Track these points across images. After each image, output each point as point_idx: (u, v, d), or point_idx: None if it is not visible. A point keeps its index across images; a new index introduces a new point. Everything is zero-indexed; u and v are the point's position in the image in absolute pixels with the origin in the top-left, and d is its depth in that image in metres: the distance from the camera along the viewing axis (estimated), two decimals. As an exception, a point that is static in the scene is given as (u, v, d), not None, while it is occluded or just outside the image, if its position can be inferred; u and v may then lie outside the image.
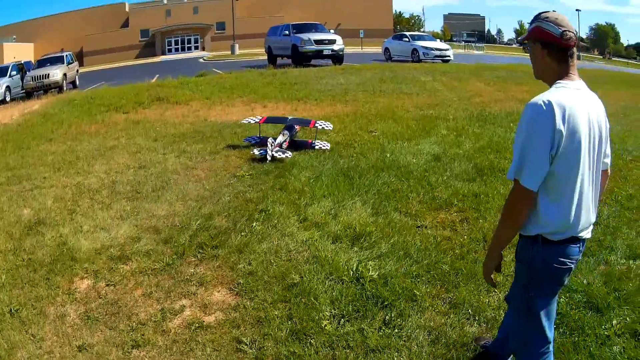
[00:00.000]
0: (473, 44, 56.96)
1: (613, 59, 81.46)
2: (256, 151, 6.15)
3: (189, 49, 59.00)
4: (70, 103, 11.71)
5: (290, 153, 6.12)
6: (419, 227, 4.02)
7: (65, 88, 18.61)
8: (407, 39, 24.68)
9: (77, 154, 6.89)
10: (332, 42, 20.50)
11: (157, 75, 20.22)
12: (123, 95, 11.92)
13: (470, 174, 5.33)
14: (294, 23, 23.00)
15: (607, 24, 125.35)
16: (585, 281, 3.17)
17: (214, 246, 3.77)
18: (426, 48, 22.84)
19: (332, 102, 10.52)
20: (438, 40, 29.12)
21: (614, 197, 4.73)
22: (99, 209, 4.68)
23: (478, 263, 3.43)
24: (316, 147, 6.45)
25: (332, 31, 23.25)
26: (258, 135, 6.95)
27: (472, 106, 10.15)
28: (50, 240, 4.03)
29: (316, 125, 6.78)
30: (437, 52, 22.72)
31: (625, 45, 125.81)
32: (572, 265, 1.92)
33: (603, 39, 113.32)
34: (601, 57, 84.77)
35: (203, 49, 57.32)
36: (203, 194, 4.94)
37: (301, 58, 19.89)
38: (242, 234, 3.93)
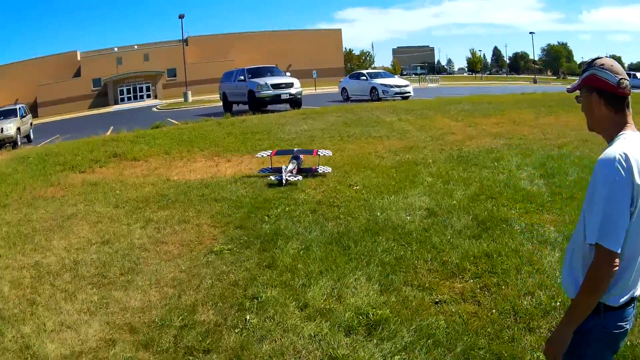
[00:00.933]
0: (427, 77, 59.52)
1: (568, 77, 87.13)
2: (272, 177, 7.82)
3: (141, 97, 61.11)
4: (25, 161, 11.52)
5: (300, 177, 7.84)
6: (437, 303, 3.83)
7: (19, 143, 18.93)
8: (365, 78, 25.62)
9: (33, 224, 6.52)
10: (290, 85, 21.00)
11: (112, 127, 20.44)
12: (78, 152, 11.78)
13: (474, 229, 5.25)
14: (249, 67, 23.47)
15: (559, 43, 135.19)
16: (628, 342, 3.07)
17: (205, 350, 3.41)
18: (385, 86, 23.73)
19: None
20: (396, 76, 30.32)
21: None
22: (62, 299, 4.29)
23: (516, 342, 3.27)
24: (320, 171, 8.15)
25: (288, 74, 23.75)
26: (271, 167, 8.52)
27: (448, 146, 10.33)
28: (11, 343, 3.62)
29: (318, 153, 8.73)
30: (397, 89, 23.61)
31: (578, 62, 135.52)
32: (628, 327, 1.91)
33: (556, 59, 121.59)
34: (555, 77, 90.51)
35: (155, 97, 59.58)
36: (180, 277, 4.58)
37: (258, 104, 20.19)
38: (236, 330, 3.60)
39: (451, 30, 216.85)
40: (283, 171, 7.74)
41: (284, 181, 7.51)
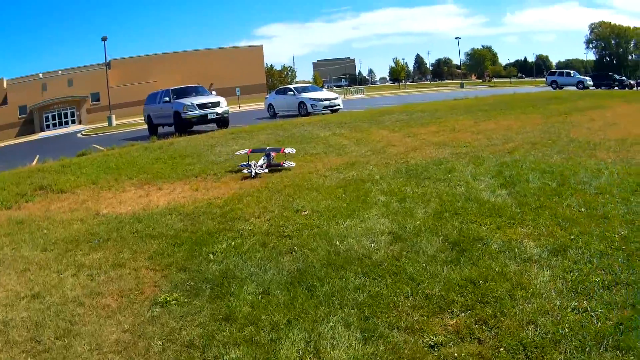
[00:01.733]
0: (351, 88, 61.28)
1: (494, 80, 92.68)
2: (245, 171, 9.87)
3: (66, 123, 64.92)
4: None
5: (267, 170, 9.86)
6: (433, 346, 3.46)
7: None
8: (292, 93, 26.17)
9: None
10: (216, 104, 21.48)
11: (37, 157, 20.57)
12: (4, 185, 11.23)
13: (448, 253, 4.99)
14: (174, 88, 23.73)
15: (483, 47, 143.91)
16: None
17: None
18: (314, 100, 24.47)
19: (235, 175, 10.08)
20: (324, 89, 30.96)
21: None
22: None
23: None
24: (285, 165, 10.13)
25: (213, 93, 23.89)
26: (247, 162, 10.22)
27: (391, 159, 10.21)
28: None
29: (285, 151, 10.97)
30: (326, 103, 24.26)
31: (504, 65, 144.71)
32: None
33: (480, 62, 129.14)
34: (481, 80, 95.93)
35: (80, 122, 62.91)
36: (124, 339, 3.92)
37: (185, 125, 20.57)
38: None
39: (371, 41, 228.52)
40: (252, 166, 9.70)
41: (253, 174, 9.50)
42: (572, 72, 55.20)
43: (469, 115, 17.96)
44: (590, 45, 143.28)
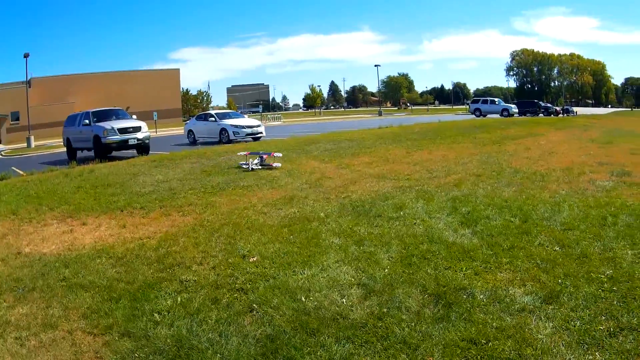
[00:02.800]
0: (269, 114, 62.06)
1: (410, 107, 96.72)
2: (244, 166, 13.41)
3: None
4: None
5: (260, 167, 13.20)
6: None
7: None
8: (213, 119, 26.82)
9: None
10: (137, 129, 21.62)
11: None
12: None
13: (434, 308, 4.73)
14: (94, 110, 23.65)
15: (399, 74, 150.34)
16: None
17: None
18: (236, 127, 25.00)
19: (163, 209, 9.50)
20: (246, 116, 31.23)
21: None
22: None
23: None
24: (274, 165, 13.33)
25: (134, 117, 23.89)
26: (245, 162, 13.57)
27: (331, 194, 10.01)
28: None
29: (274, 155, 14.09)
30: (249, 130, 25.12)
31: (420, 92, 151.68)
32: None
33: (395, 89, 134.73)
34: (396, 108, 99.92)
35: (0, 142, 62.19)
36: None
37: (105, 150, 20.67)
38: None
39: (286, 67, 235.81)
40: (250, 163, 13.29)
41: (250, 168, 13.03)
42: (496, 99, 58.40)
43: (398, 145, 18.28)
44: (511, 73, 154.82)
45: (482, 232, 6.96)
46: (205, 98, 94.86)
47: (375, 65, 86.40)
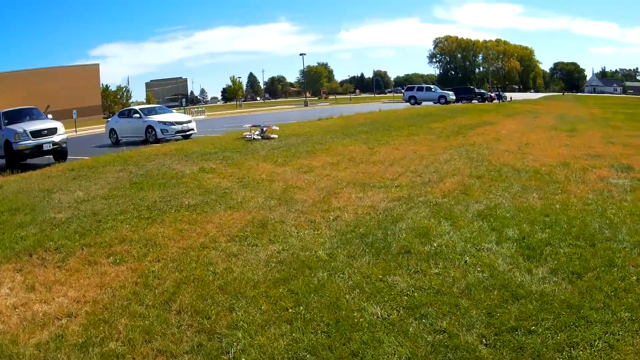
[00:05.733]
0: (192, 108, 59.22)
1: (330, 97, 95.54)
2: (247, 136, 16.71)
3: None
4: None
5: (260, 137, 16.51)
6: None
7: None
8: (138, 115, 23.52)
9: None
10: (53, 131, 18.21)
11: None
12: None
13: None
14: (5, 110, 19.87)
15: (319, 64, 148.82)
16: None
17: None
18: (165, 124, 22.12)
19: (87, 252, 6.47)
20: (174, 110, 28.23)
21: None
22: None
23: None
24: (272, 136, 16.72)
25: (49, 116, 20.08)
26: (249, 133, 17.14)
27: (314, 214, 7.67)
28: None
29: (273, 127, 18.12)
30: (179, 127, 22.20)
31: (340, 81, 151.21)
32: None
33: (315, 79, 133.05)
34: (317, 98, 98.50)
35: None
36: None
37: (17, 158, 17.42)
38: None
39: (204, 60, 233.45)
40: (253, 134, 16.73)
41: (252, 138, 16.19)
42: (432, 86, 56.80)
43: (353, 140, 16.04)
44: (434, 60, 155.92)
45: (561, 271, 5.11)
46: (124, 94, 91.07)
47: (301, 54, 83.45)
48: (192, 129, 22.44)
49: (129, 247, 6.50)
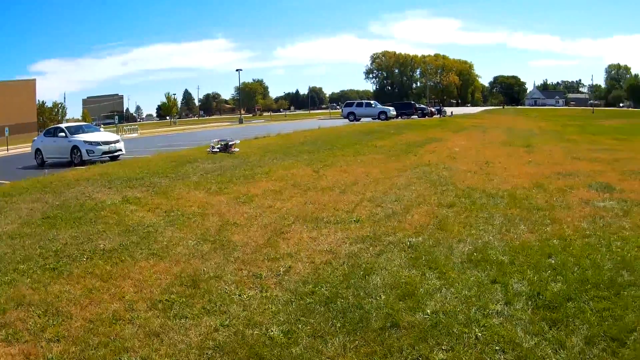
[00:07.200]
0: (125, 126, 56.93)
1: (264, 114, 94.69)
2: (213, 150, 17.43)
3: None
4: None
5: (219, 151, 17.23)
6: None
7: None
8: (63, 134, 21.85)
9: None
10: None
11: None
12: None
13: None
14: None
15: (254, 80, 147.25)
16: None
17: None
18: (91, 143, 20.73)
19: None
20: (102, 128, 26.54)
21: None
22: None
23: None
24: (234, 149, 17.58)
25: None
26: (214, 146, 17.76)
27: (258, 264, 6.14)
28: None
29: (235, 142, 18.53)
30: (105, 147, 20.78)
31: (274, 98, 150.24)
32: None
33: (250, 96, 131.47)
34: (251, 115, 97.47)
35: None
36: None
37: None
38: None
39: (141, 77, 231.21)
40: (214, 146, 17.84)
41: (214, 150, 17.29)
42: (372, 102, 55.95)
43: (295, 161, 14.64)
44: (371, 75, 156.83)
45: (598, 337, 3.97)
46: (60, 110, 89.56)
47: (237, 70, 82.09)
48: (120, 150, 21.05)
49: (25, 314, 4.82)
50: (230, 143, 17.76)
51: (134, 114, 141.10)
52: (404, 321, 4.29)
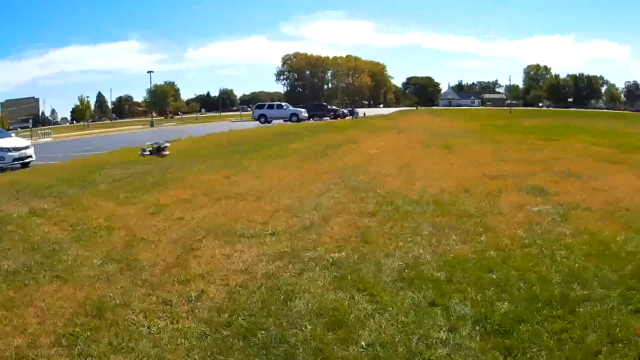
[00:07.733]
0: (38, 130, 53.16)
1: (176, 117, 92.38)
2: (142, 152, 17.60)
3: None
4: None
5: (149, 153, 17.59)
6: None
7: None
8: None
9: None
10: None
11: None
12: None
13: None
14: None
15: (166, 82, 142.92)
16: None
17: None
18: (1, 150, 18.88)
19: None
20: (14, 135, 24.47)
21: None
22: None
23: None
24: (165, 152, 17.45)
25: None
26: (145, 149, 17.81)
27: (167, 289, 5.37)
28: None
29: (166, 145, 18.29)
30: (16, 154, 19.03)
31: (186, 100, 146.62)
32: None
33: (162, 99, 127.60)
34: (163, 117, 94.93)
35: None
36: None
37: None
38: None
39: (57, 79, 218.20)
40: (146, 149, 17.64)
41: (146, 153, 17.23)
42: (283, 103, 55.21)
43: (206, 166, 13.84)
44: (282, 77, 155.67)
45: None
46: None
47: (148, 72, 79.08)
48: (31, 156, 19.47)
49: None
50: (162, 146, 17.90)
51: (49, 118, 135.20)
52: (336, 357, 3.65)
